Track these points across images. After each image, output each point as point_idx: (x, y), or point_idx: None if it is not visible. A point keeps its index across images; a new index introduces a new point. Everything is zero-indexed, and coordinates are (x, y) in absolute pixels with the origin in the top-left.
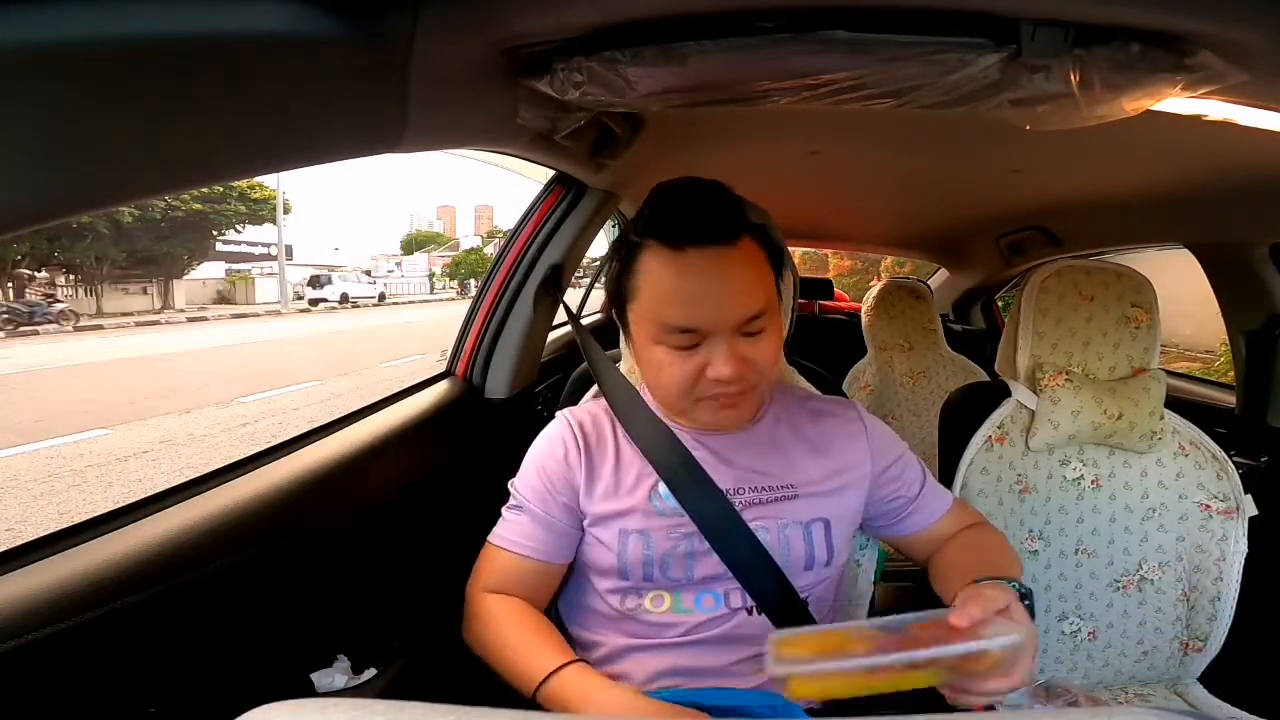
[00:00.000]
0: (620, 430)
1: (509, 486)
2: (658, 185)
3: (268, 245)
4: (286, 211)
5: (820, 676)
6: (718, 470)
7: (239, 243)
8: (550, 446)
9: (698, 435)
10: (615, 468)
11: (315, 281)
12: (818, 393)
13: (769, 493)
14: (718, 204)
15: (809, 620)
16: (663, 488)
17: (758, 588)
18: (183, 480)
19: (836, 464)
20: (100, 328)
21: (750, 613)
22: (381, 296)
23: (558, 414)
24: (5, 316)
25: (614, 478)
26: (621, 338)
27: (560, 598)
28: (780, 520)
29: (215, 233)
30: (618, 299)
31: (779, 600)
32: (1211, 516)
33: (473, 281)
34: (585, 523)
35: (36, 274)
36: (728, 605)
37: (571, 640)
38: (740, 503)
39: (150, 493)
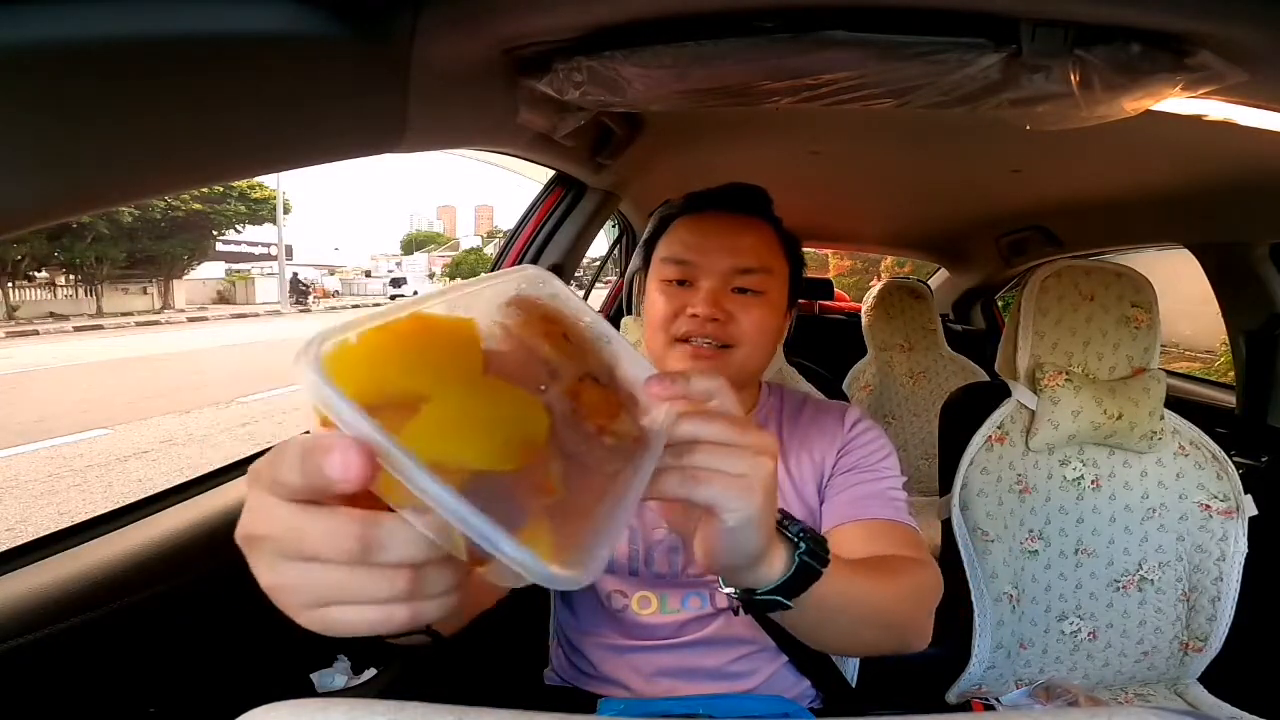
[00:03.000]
0: None
1: None
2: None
3: (268, 245)
4: (286, 211)
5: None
6: None
7: (239, 243)
8: None
9: None
10: None
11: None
12: (821, 396)
13: None
14: (743, 189)
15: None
16: None
17: None
18: (183, 480)
19: (816, 468)
20: (100, 328)
21: (736, 613)
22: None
23: None
24: None
25: None
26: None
27: (557, 603)
28: None
29: (215, 233)
30: (645, 265)
31: (758, 596)
32: (1211, 516)
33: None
34: None
35: (37, 273)
36: (713, 605)
37: (569, 643)
38: None
39: (150, 493)
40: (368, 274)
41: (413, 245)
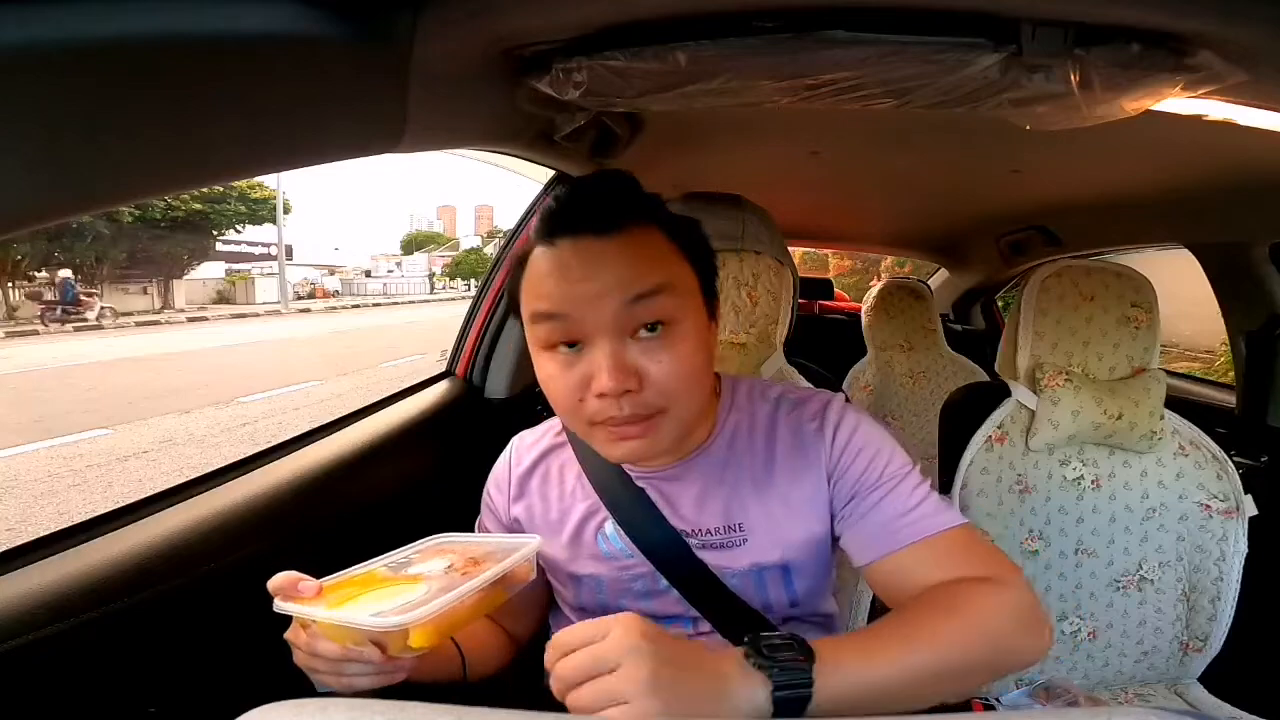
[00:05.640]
0: (566, 463)
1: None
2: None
3: (268, 245)
4: (286, 211)
5: (435, 620)
6: (663, 510)
7: (239, 243)
8: (493, 483)
9: (637, 471)
10: (558, 507)
11: None
12: (798, 391)
13: (715, 536)
14: (605, 193)
15: None
16: (609, 526)
17: (723, 621)
18: (183, 480)
19: (796, 486)
20: (100, 328)
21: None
22: None
23: (510, 441)
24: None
25: (557, 519)
26: None
27: (552, 614)
28: (728, 569)
29: (215, 233)
30: (517, 313)
31: (748, 631)
32: (1211, 516)
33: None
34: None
35: (37, 274)
36: (696, 630)
37: None
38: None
39: (150, 493)
40: (368, 274)
41: (413, 245)
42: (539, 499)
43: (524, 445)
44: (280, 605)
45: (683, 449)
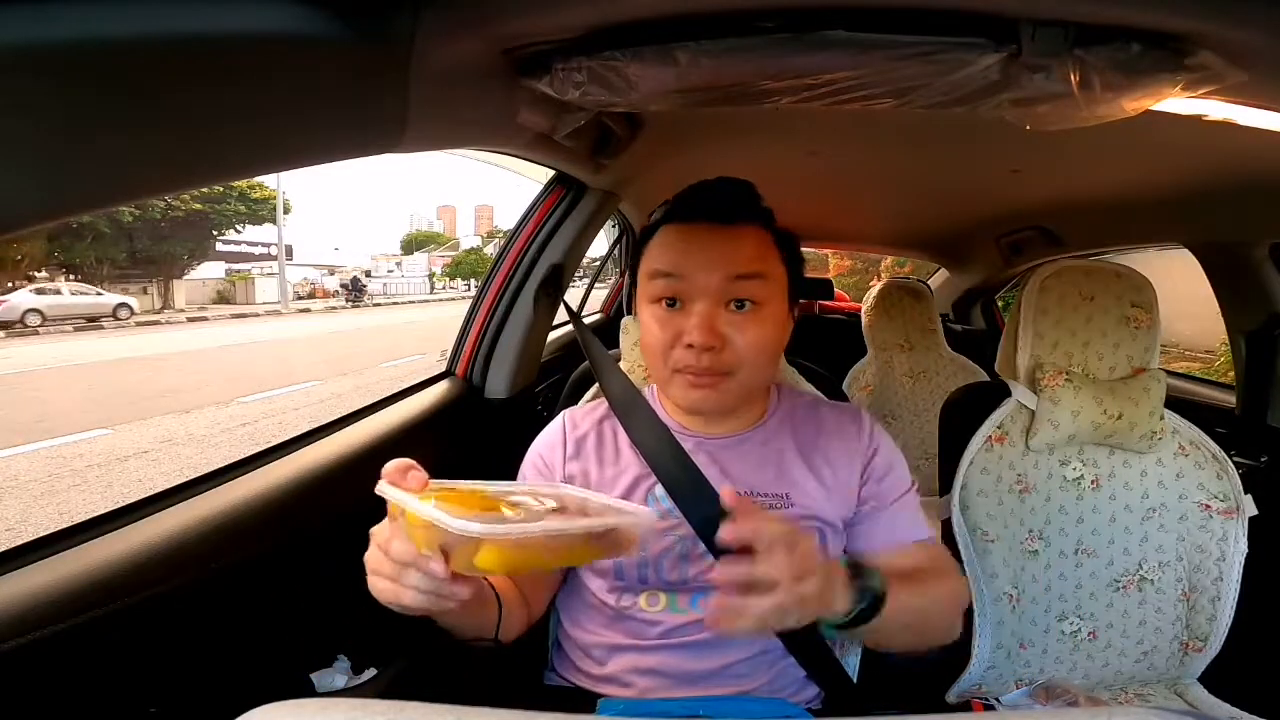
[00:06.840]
0: (619, 431)
1: None
2: (692, 185)
3: (268, 245)
4: (286, 211)
5: (508, 542)
6: (714, 477)
7: (239, 243)
8: (544, 444)
9: (697, 438)
10: (612, 469)
11: None
12: (824, 398)
13: (763, 500)
14: (729, 194)
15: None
16: (659, 489)
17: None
18: (183, 480)
19: (833, 472)
20: (100, 327)
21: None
22: None
23: (560, 413)
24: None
25: (610, 480)
26: (622, 338)
27: (558, 597)
28: None
29: (215, 233)
30: (632, 277)
31: None
32: (1211, 516)
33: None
34: None
35: (37, 274)
36: None
37: (570, 644)
38: None
39: (150, 493)
40: (368, 274)
41: (413, 245)
42: (595, 461)
43: (578, 414)
44: (381, 488)
45: (743, 420)
